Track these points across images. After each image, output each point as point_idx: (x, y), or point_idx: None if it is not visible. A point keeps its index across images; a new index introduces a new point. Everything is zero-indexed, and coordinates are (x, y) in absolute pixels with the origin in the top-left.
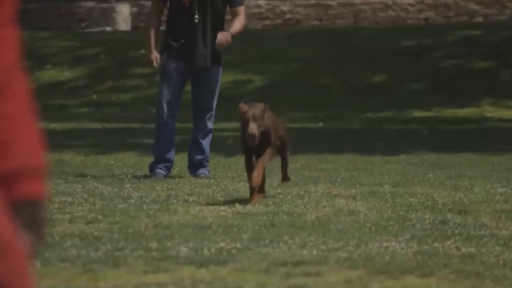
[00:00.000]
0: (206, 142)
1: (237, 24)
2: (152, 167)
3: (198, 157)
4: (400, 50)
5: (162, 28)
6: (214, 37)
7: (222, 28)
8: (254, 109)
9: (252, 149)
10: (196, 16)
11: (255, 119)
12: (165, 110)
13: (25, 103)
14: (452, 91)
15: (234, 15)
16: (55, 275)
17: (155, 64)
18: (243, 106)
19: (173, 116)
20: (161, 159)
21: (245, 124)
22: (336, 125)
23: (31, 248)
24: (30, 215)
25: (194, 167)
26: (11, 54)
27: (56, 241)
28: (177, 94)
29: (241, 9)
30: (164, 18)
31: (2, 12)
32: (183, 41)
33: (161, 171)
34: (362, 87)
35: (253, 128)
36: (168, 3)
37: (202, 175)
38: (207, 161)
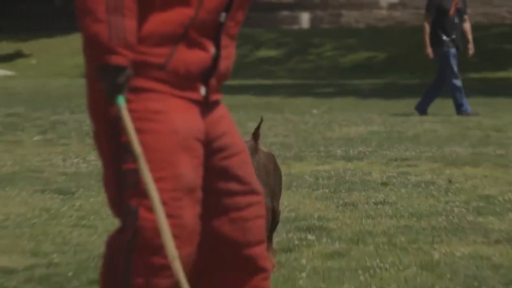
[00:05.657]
0: None
1: (469, 29)
2: (461, 108)
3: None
4: None
5: None
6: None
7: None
8: None
9: None
10: (456, 20)
11: None
12: (457, 74)
13: None
14: None
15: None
16: None
17: (430, 56)
18: None
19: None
20: (462, 104)
21: None
22: None
23: None
24: None
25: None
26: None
27: None
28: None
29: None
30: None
31: None
32: (454, 36)
33: (469, 109)
34: None
35: None
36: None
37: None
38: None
